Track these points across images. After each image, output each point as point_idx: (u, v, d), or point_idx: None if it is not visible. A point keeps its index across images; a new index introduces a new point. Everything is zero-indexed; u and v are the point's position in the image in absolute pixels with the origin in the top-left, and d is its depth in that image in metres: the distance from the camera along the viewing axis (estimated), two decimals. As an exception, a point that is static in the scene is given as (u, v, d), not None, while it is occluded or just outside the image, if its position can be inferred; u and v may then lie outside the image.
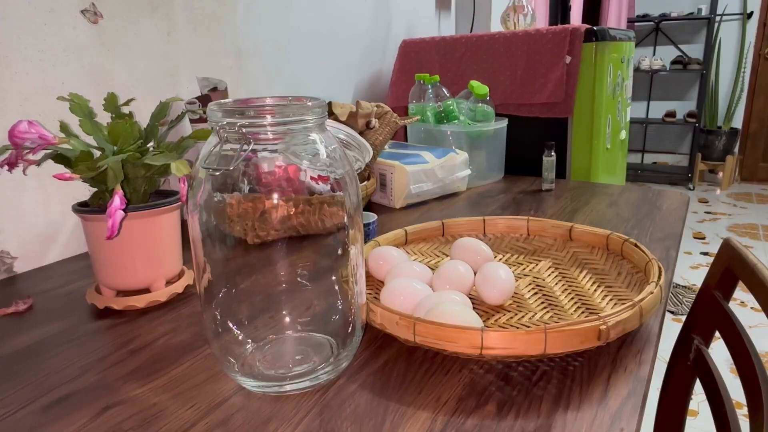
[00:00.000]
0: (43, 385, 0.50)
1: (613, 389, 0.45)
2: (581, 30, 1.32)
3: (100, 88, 0.88)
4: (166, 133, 0.67)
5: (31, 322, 0.62)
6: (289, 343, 0.52)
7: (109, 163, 0.58)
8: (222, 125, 0.42)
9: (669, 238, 0.81)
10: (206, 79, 1.03)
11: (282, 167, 0.46)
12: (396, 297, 0.57)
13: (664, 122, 4.50)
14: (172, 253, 0.67)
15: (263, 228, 0.48)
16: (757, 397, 0.63)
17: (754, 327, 2.09)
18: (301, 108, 0.44)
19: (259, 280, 0.50)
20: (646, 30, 4.81)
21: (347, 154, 0.83)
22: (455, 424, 0.42)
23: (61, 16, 0.82)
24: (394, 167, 1.04)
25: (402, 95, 1.56)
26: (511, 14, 1.73)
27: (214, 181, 0.45)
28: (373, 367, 0.50)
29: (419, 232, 0.79)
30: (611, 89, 1.41)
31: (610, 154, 1.49)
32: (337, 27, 1.46)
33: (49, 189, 0.82)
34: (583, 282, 0.65)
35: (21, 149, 0.60)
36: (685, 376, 0.82)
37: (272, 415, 0.44)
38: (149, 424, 0.43)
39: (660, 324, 0.56)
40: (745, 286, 0.72)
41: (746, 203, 3.87)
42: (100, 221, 0.60)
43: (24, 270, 0.80)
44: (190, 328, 0.59)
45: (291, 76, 1.31)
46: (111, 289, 0.65)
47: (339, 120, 0.98)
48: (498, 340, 0.46)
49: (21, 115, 0.78)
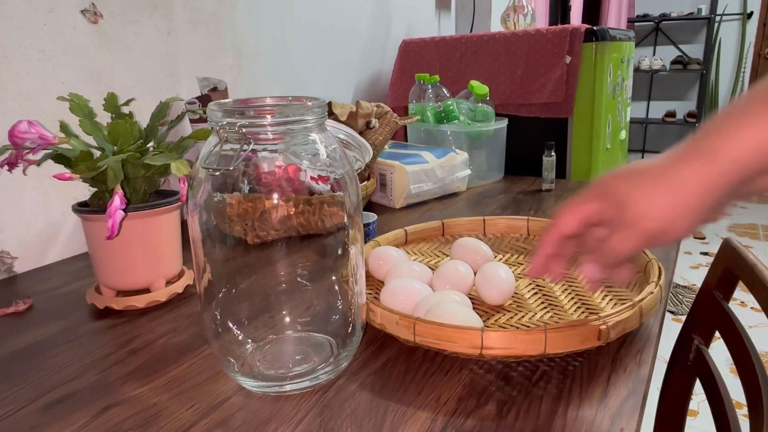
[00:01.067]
0: (43, 385, 0.50)
1: (613, 389, 0.45)
2: (581, 30, 1.32)
3: (100, 88, 0.88)
4: (166, 133, 0.67)
5: (31, 322, 0.62)
6: (289, 343, 0.52)
7: (109, 163, 0.58)
8: (222, 125, 0.42)
9: (669, 238, 0.81)
10: (206, 79, 1.03)
11: (282, 167, 0.46)
12: (396, 297, 0.57)
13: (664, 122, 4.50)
14: (172, 253, 0.67)
15: (263, 228, 0.48)
16: (757, 397, 0.63)
17: (754, 327, 2.09)
18: (301, 108, 0.44)
19: (259, 280, 0.50)
20: (646, 30, 4.81)
21: (347, 154, 0.83)
22: (455, 424, 0.42)
23: (61, 16, 0.82)
24: (394, 167, 1.04)
25: (402, 95, 1.56)
26: (511, 14, 1.73)
27: (214, 181, 0.45)
28: (373, 367, 0.50)
29: (419, 232, 0.79)
30: (611, 89, 1.41)
31: (610, 154, 1.49)
32: (337, 26, 1.46)
33: (49, 189, 0.82)
34: (583, 282, 0.65)
35: (21, 149, 0.60)
36: (685, 376, 0.82)
37: (272, 415, 0.44)
38: (149, 424, 0.43)
39: (660, 324, 0.56)
40: (745, 286, 0.72)
41: (746, 203, 3.87)
42: (100, 221, 0.60)
43: (24, 270, 0.80)
44: (190, 328, 0.59)
45: (291, 76, 1.31)
46: (111, 289, 0.65)
47: (339, 120, 0.98)
48: (498, 340, 0.46)
49: (21, 115, 0.78)
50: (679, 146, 0.37)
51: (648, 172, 0.37)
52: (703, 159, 0.35)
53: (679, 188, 0.36)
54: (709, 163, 0.35)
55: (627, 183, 0.38)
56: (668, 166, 0.37)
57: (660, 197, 0.36)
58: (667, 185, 0.36)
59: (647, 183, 0.37)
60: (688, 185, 0.35)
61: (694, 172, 0.35)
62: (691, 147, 0.36)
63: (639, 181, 0.37)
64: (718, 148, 0.35)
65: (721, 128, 0.35)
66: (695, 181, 0.35)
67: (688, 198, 0.36)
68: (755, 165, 0.34)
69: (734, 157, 0.34)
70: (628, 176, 0.38)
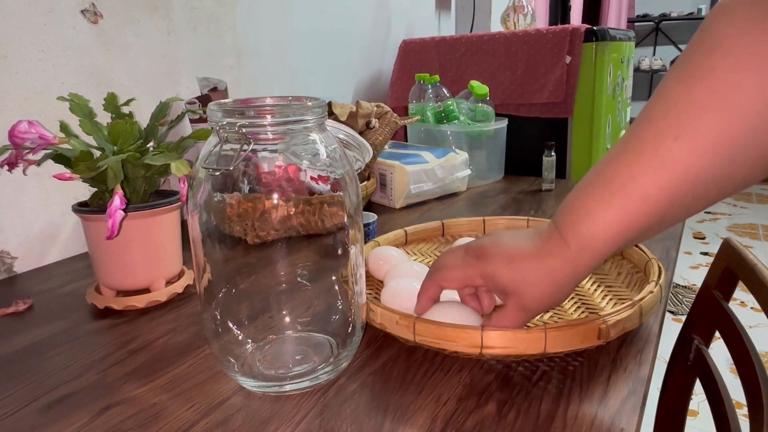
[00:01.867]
0: (43, 385, 0.50)
1: (613, 389, 0.45)
2: (581, 30, 1.32)
3: (100, 88, 0.88)
4: (166, 133, 0.68)
5: (31, 322, 0.62)
6: (289, 343, 0.52)
7: (109, 163, 0.58)
8: (222, 125, 0.42)
9: (669, 238, 0.81)
10: (206, 79, 1.03)
11: (282, 167, 0.46)
12: (396, 297, 0.57)
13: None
14: (172, 253, 0.67)
15: (263, 228, 0.48)
16: (757, 397, 0.63)
17: (754, 327, 2.09)
18: (301, 108, 0.44)
19: (259, 280, 0.50)
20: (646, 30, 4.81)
21: (347, 154, 0.83)
22: (455, 424, 0.42)
23: (61, 16, 0.82)
24: (394, 167, 1.04)
25: (402, 95, 1.56)
26: (511, 14, 1.73)
27: (214, 181, 0.45)
28: (373, 367, 0.50)
29: (419, 232, 0.79)
30: (611, 89, 1.41)
31: (610, 154, 1.48)
32: (337, 27, 1.46)
33: (49, 189, 0.82)
34: (583, 282, 0.65)
35: (21, 149, 0.60)
36: (685, 376, 0.82)
37: (272, 415, 0.44)
38: (149, 424, 0.43)
39: (660, 324, 0.56)
40: (745, 286, 0.72)
41: (746, 203, 3.87)
42: (100, 221, 0.60)
43: (24, 270, 0.80)
44: (190, 328, 0.59)
45: (291, 76, 1.31)
46: (111, 289, 0.65)
47: (339, 120, 0.98)
48: (498, 339, 0.46)
49: (21, 115, 0.78)
50: (543, 233, 0.45)
51: (525, 260, 0.44)
52: (569, 255, 0.42)
53: (556, 281, 0.43)
54: (574, 260, 0.42)
55: (510, 271, 0.45)
56: (541, 257, 0.44)
57: (543, 288, 0.44)
58: (548, 279, 0.43)
59: (530, 275, 0.44)
60: (564, 281, 0.43)
61: (564, 267, 0.43)
62: (556, 237, 0.43)
63: (521, 271, 0.44)
64: (579, 243, 0.41)
65: (577, 218, 0.42)
66: (569, 277, 0.43)
67: (564, 289, 0.44)
68: (614, 247, 0.41)
69: (595, 249, 0.41)
70: (507, 260, 0.45)
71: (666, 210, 0.38)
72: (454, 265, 0.49)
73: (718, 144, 0.34)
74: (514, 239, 0.46)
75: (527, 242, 0.45)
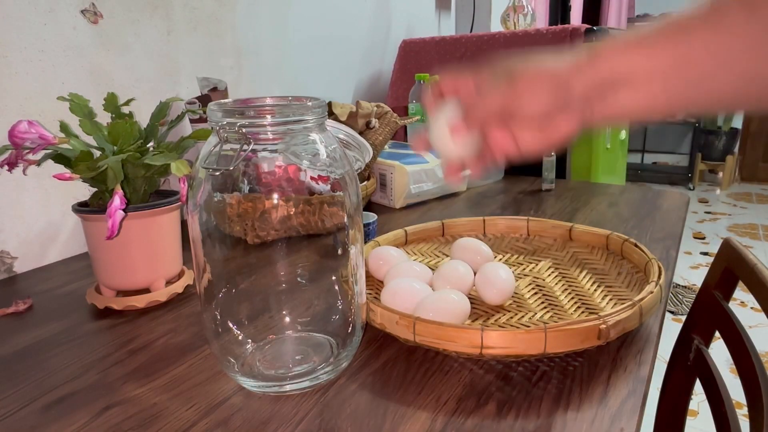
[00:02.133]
0: (43, 385, 0.50)
1: (613, 389, 0.45)
2: (581, 30, 1.32)
3: (100, 88, 0.88)
4: (166, 133, 0.67)
5: (31, 322, 0.62)
6: (289, 343, 0.52)
7: (109, 163, 0.58)
8: (222, 125, 0.42)
9: (669, 238, 0.81)
10: (206, 79, 1.03)
11: (282, 167, 0.46)
12: (396, 297, 0.57)
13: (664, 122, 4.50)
14: (172, 253, 0.67)
15: (263, 228, 0.48)
16: (757, 397, 0.63)
17: (754, 327, 2.09)
18: (301, 108, 0.44)
19: (259, 280, 0.50)
20: (646, 30, 4.80)
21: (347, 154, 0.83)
22: (455, 424, 0.42)
23: (61, 16, 0.82)
24: (394, 167, 1.04)
25: (402, 95, 1.56)
26: (511, 14, 1.73)
27: (214, 181, 0.45)
28: (373, 367, 0.50)
29: (419, 232, 0.79)
30: (611, 89, 1.40)
31: (610, 154, 1.49)
32: (337, 27, 1.46)
33: (49, 189, 0.82)
34: (583, 282, 0.65)
35: (21, 149, 0.60)
36: (685, 376, 0.82)
37: (272, 415, 0.44)
38: (149, 424, 0.43)
39: (660, 324, 0.56)
40: (745, 286, 0.72)
41: (746, 203, 3.87)
42: (100, 221, 0.60)
43: (24, 270, 0.80)
44: (190, 328, 0.59)
45: (291, 76, 1.31)
46: (111, 289, 0.65)
47: (339, 120, 0.98)
48: (498, 339, 0.46)
49: (21, 115, 0.78)
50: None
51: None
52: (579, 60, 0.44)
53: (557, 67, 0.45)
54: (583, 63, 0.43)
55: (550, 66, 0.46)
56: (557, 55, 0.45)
57: (545, 59, 0.46)
58: (555, 59, 0.45)
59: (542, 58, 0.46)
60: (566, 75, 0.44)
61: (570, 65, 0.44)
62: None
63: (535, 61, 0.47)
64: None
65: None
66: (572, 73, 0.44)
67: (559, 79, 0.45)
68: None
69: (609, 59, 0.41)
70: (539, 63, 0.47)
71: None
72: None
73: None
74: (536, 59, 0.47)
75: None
